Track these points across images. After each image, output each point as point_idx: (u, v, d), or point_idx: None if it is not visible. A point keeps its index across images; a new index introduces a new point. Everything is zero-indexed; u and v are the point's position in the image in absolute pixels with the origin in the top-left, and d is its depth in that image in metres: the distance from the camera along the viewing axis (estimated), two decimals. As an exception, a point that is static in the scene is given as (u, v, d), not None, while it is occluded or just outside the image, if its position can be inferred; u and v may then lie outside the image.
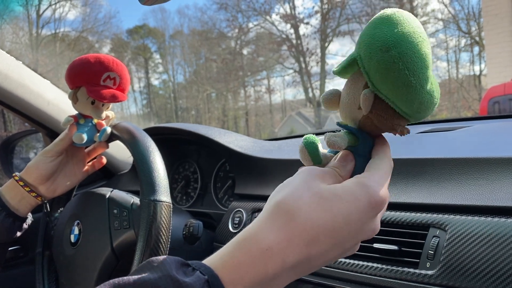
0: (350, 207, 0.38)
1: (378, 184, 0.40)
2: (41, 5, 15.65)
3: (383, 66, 0.38)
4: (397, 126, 0.42)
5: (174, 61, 19.74)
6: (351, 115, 0.43)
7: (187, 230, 0.95)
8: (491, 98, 4.88)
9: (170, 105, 20.26)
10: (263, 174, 1.02)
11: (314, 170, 0.42)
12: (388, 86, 0.39)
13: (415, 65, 0.39)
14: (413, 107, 0.40)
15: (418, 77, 0.39)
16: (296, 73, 17.41)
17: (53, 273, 0.93)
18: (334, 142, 0.42)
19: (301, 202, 0.38)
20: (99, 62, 0.80)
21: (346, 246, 0.40)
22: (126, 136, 0.82)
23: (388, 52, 0.38)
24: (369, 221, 0.40)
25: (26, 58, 13.99)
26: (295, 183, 0.40)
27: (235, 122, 18.85)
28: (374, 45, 0.39)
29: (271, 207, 0.39)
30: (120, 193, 0.84)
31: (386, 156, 0.43)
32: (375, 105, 0.41)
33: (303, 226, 0.37)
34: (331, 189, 0.39)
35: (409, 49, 0.38)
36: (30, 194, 0.83)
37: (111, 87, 0.82)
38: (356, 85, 0.42)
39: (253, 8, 17.44)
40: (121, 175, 1.38)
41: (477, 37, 13.60)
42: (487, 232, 0.61)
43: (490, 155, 0.69)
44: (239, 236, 0.38)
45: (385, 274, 0.68)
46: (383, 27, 0.39)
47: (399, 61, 0.38)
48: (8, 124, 4.39)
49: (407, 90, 0.39)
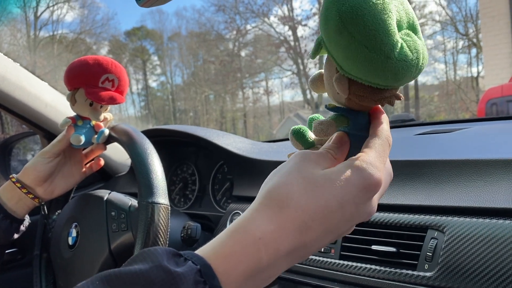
0: (343, 191, 0.37)
1: (372, 165, 0.38)
2: (39, 7, 15.65)
3: (342, 48, 0.37)
4: (381, 100, 0.41)
5: (172, 63, 19.77)
6: (335, 98, 0.43)
7: (185, 233, 0.95)
8: (489, 100, 4.90)
9: (168, 107, 20.26)
10: (261, 176, 1.02)
11: (308, 154, 0.41)
12: (354, 66, 0.37)
13: (372, 39, 0.36)
14: (388, 79, 0.38)
15: (380, 49, 0.36)
16: (294, 75, 17.44)
17: (51, 275, 0.92)
18: (320, 131, 0.41)
19: (293, 189, 0.37)
20: (97, 64, 0.80)
21: (340, 231, 0.39)
22: (124, 138, 0.82)
23: (341, 34, 0.36)
24: (364, 204, 0.39)
25: (24, 60, 13.99)
26: (286, 169, 0.40)
27: (233, 124, 18.85)
28: (328, 28, 0.37)
29: (263, 195, 0.39)
30: (118, 195, 0.83)
31: (381, 133, 0.42)
32: (352, 86, 0.39)
33: (295, 213, 0.36)
34: (324, 174, 0.38)
35: (359, 24, 0.36)
36: (27, 196, 0.83)
37: (110, 89, 0.82)
38: (331, 68, 0.41)
39: (251, 10, 17.48)
40: (119, 177, 1.38)
41: (475, 39, 13.65)
42: (485, 233, 0.61)
43: (488, 157, 0.69)
44: (232, 225, 0.38)
45: (383, 276, 0.68)
46: (333, 5, 0.37)
47: (353, 40, 0.36)
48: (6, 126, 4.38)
49: (374, 66, 0.37)
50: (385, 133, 0.42)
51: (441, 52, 14.96)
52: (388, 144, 0.42)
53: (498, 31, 8.05)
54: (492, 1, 8.10)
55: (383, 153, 0.41)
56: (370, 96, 0.40)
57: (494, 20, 8.07)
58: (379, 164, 0.39)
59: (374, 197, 0.40)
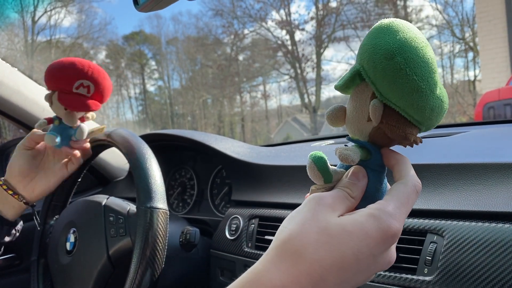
0: (360, 244, 0.36)
1: (391, 216, 0.37)
2: (37, 12, 15.65)
3: (390, 74, 0.37)
4: (410, 135, 0.40)
5: (170, 67, 19.77)
6: (360, 128, 0.41)
7: (183, 237, 0.95)
8: (486, 104, 4.91)
9: (165, 111, 20.24)
10: (260, 181, 1.02)
11: (324, 198, 0.39)
12: (397, 93, 0.38)
13: (422, 70, 0.38)
14: (424, 113, 0.39)
15: (427, 82, 0.38)
16: (291, 79, 17.44)
17: (48, 281, 0.92)
18: (347, 156, 0.39)
19: (308, 240, 0.36)
20: (72, 68, 0.78)
21: (356, 281, 0.38)
22: (122, 142, 0.81)
23: (393, 59, 0.37)
24: (382, 255, 0.39)
25: (21, 65, 13.96)
26: (301, 216, 0.38)
27: (231, 128, 18.85)
28: (377, 53, 0.38)
29: (277, 245, 0.38)
30: (116, 200, 0.83)
31: (407, 179, 0.40)
32: (385, 115, 0.39)
33: (311, 266, 0.35)
34: (341, 224, 0.37)
35: (414, 54, 0.37)
36: (13, 197, 0.82)
37: (85, 95, 0.80)
38: (362, 97, 0.41)
39: (248, 15, 17.50)
40: (117, 182, 1.38)
41: (471, 43, 13.70)
42: (484, 237, 0.61)
43: (487, 161, 0.69)
44: (245, 276, 0.37)
45: (383, 280, 0.68)
46: (384, 36, 0.38)
47: (406, 67, 0.37)
48: (3, 130, 4.37)
49: (417, 96, 0.38)
50: (411, 179, 0.41)
51: (437, 56, 15.01)
52: (416, 192, 0.40)
53: (494, 35, 8.09)
54: (488, 5, 8.15)
55: (406, 203, 0.39)
56: (400, 128, 0.40)
57: (491, 24, 8.11)
58: (400, 214, 0.38)
59: (392, 247, 0.40)
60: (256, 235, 0.92)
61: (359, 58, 0.40)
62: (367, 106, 0.40)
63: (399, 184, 0.40)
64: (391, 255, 0.40)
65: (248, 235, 0.94)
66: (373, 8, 15.35)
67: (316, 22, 16.39)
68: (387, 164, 0.42)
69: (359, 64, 0.39)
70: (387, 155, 0.42)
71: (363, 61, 0.39)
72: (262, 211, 0.95)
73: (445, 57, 14.97)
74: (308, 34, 17.11)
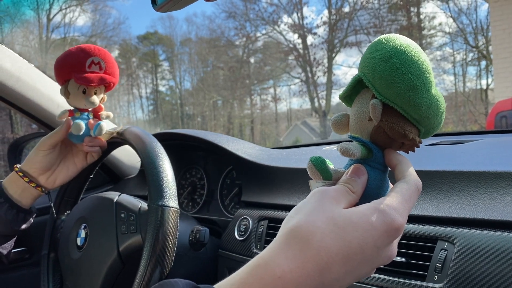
0: (365, 235, 0.38)
1: (396, 210, 0.39)
2: (52, 10, 15.82)
3: (387, 74, 0.41)
4: (409, 133, 0.42)
5: (182, 68, 19.85)
6: (362, 128, 0.44)
7: (193, 236, 0.95)
8: (499, 113, 4.87)
9: (176, 111, 20.33)
10: (270, 182, 1.02)
11: (327, 191, 0.41)
12: (394, 91, 0.41)
13: (417, 70, 0.41)
14: (421, 111, 0.42)
15: (422, 80, 0.41)
16: (302, 82, 17.45)
17: (58, 276, 0.93)
18: (348, 149, 0.41)
19: (315, 228, 0.37)
20: (80, 50, 0.82)
21: (360, 273, 0.39)
22: (136, 140, 0.82)
23: (389, 60, 0.41)
24: (385, 248, 0.40)
25: (35, 62, 14.07)
26: (308, 207, 0.40)
27: (240, 130, 18.86)
28: (375, 59, 0.42)
29: (285, 233, 0.39)
30: (128, 197, 0.84)
31: (409, 178, 0.43)
32: (384, 113, 0.42)
33: (317, 254, 0.36)
34: (346, 215, 0.38)
35: (409, 56, 0.41)
36: (30, 185, 0.84)
37: (98, 71, 0.83)
38: (363, 100, 0.44)
39: (261, 17, 17.56)
40: (128, 180, 1.39)
41: (485, 51, 13.59)
42: (496, 246, 0.60)
43: (500, 169, 0.68)
44: (252, 262, 0.38)
45: (392, 286, 0.67)
46: (381, 45, 0.42)
47: (401, 66, 0.41)
48: (15, 125, 4.41)
49: (413, 94, 0.41)
50: (413, 178, 0.43)
51: (450, 63, 14.92)
52: (417, 190, 0.43)
53: (508, 43, 8.01)
54: (503, 14, 8.07)
55: (409, 200, 0.41)
56: (400, 126, 0.42)
57: (505, 32, 8.03)
58: (403, 210, 0.40)
59: (394, 241, 0.41)
60: (265, 236, 0.93)
61: (360, 67, 0.43)
62: (368, 107, 0.42)
63: (401, 182, 0.42)
64: (393, 250, 0.42)
65: (257, 237, 0.94)
66: (386, 14, 15.30)
67: (328, 26, 16.38)
68: (389, 165, 0.45)
69: (361, 71, 0.43)
70: (389, 156, 0.44)
71: (363, 69, 0.43)
72: (271, 213, 0.95)
73: (458, 65, 14.88)
74: (320, 38, 17.12)
